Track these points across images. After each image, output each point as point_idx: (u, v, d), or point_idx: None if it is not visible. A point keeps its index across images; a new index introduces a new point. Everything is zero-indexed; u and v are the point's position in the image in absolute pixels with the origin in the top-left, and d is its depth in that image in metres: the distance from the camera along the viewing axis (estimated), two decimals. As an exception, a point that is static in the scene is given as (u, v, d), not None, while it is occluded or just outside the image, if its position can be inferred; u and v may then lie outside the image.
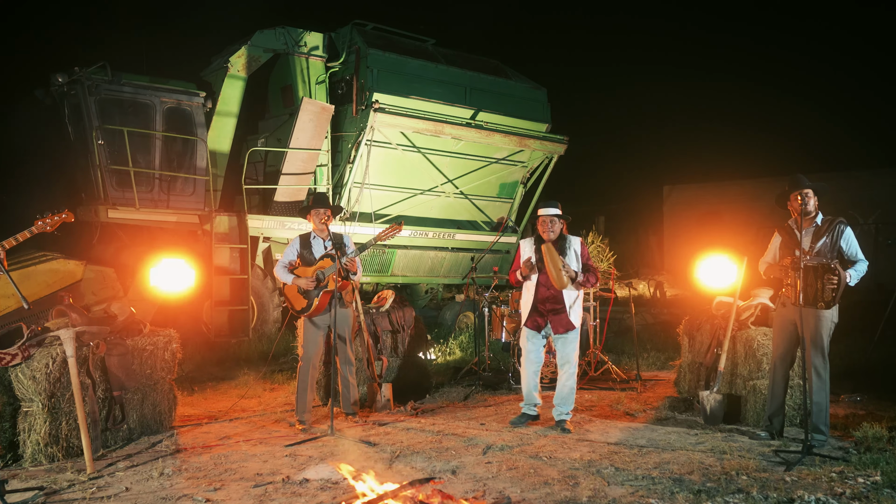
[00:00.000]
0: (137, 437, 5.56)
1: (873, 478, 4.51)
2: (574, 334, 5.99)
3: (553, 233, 5.93)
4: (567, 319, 5.95)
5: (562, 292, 5.92)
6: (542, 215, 5.99)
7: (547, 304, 5.99)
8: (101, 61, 9.35)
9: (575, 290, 5.97)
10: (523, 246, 6.16)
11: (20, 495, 4.22)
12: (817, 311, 5.31)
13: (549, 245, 5.83)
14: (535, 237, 6.11)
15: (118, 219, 9.57)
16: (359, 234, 10.71)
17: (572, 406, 6.03)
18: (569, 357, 5.99)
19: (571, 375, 6.00)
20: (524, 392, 6.19)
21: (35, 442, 4.90)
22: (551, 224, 5.93)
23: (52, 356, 4.93)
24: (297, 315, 6.13)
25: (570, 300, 5.96)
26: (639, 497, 4.25)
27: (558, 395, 6.03)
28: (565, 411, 5.99)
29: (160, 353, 5.72)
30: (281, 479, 4.60)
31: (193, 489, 4.41)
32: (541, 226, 5.98)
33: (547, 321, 6.01)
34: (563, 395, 6.01)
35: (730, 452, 5.15)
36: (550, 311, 5.98)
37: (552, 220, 5.94)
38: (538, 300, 6.01)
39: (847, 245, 5.39)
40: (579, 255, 6.00)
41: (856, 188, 19.10)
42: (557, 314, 5.96)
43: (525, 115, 12.34)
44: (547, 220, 5.94)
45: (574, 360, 6.01)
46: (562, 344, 6.01)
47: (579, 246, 6.02)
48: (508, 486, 4.46)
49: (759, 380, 6.06)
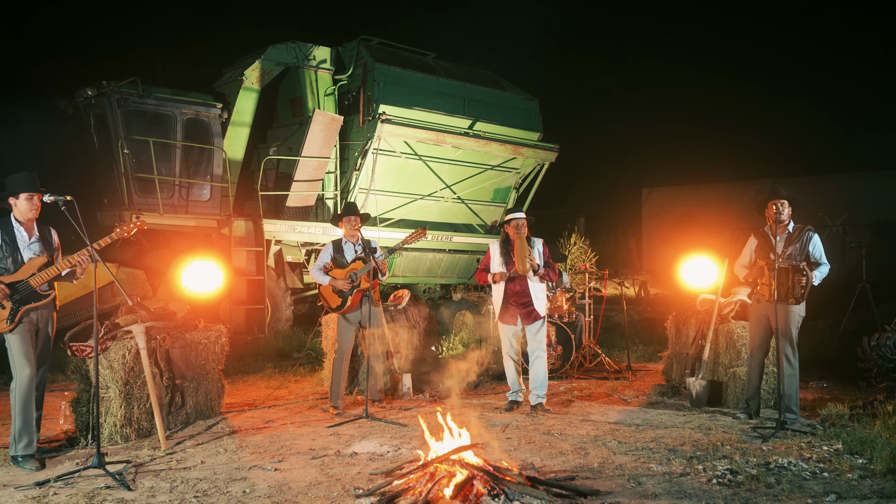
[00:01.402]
0: (193, 420, 6.25)
1: (835, 446, 5.34)
2: (541, 323, 6.79)
3: (522, 232, 6.75)
4: (535, 311, 6.75)
5: (529, 286, 6.72)
6: (511, 219, 6.82)
7: (516, 297, 6.79)
8: (132, 76, 9.97)
9: (539, 283, 6.79)
10: (492, 247, 6.99)
11: (112, 467, 4.89)
12: (788, 306, 6.14)
13: (522, 237, 6.66)
14: (502, 238, 6.96)
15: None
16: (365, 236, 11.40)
17: (546, 389, 6.82)
18: (538, 344, 6.79)
19: (543, 360, 6.80)
20: (509, 381, 6.99)
21: (112, 424, 5.58)
22: (521, 226, 6.75)
23: (127, 348, 5.61)
24: (332, 312, 6.84)
25: (536, 294, 6.78)
26: (641, 463, 5.04)
27: (534, 381, 6.81)
28: (541, 394, 6.77)
29: (212, 346, 6.42)
30: (333, 452, 5.32)
31: (260, 461, 5.12)
32: (512, 228, 6.79)
33: (518, 314, 6.81)
34: (539, 379, 6.78)
35: (714, 429, 5.98)
36: (520, 303, 6.79)
37: (521, 222, 6.78)
38: (508, 295, 6.82)
39: (814, 249, 6.23)
40: (541, 252, 6.84)
41: (825, 191, 20.12)
42: (526, 307, 6.77)
43: (519, 124, 13.16)
44: (518, 223, 6.77)
45: (543, 347, 6.82)
46: (532, 334, 6.81)
47: (542, 246, 6.89)
48: (529, 455, 5.24)
49: (738, 367, 6.90)
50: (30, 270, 5.00)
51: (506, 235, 6.88)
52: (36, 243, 5.11)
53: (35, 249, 5.09)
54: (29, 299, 5.00)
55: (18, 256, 5.01)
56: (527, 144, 13.16)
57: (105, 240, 5.27)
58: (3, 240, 4.97)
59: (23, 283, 4.97)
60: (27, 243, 5.07)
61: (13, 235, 5.01)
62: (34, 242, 5.10)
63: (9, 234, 5.00)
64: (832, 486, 4.52)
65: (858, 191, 19.85)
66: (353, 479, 4.69)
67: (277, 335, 10.77)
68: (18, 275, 4.97)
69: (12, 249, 4.99)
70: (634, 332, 11.55)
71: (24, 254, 5.03)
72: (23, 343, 4.96)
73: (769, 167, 23.25)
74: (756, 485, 4.52)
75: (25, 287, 4.97)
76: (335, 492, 4.44)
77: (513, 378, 6.95)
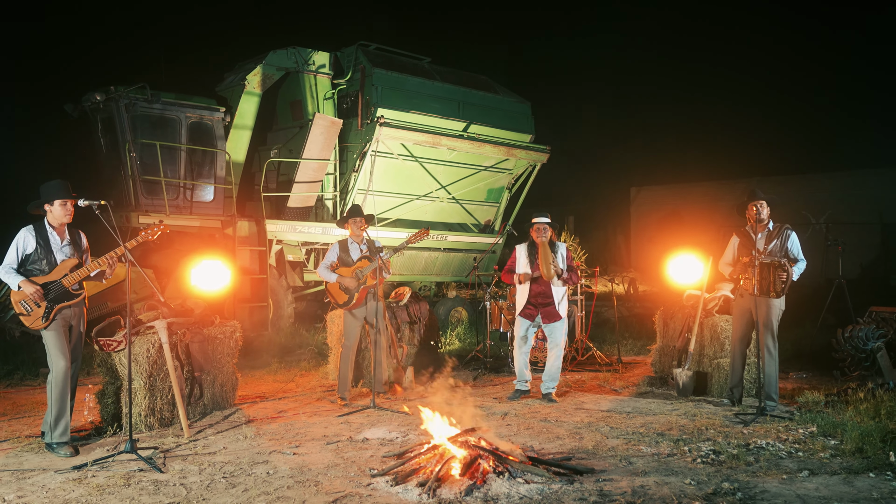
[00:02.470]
0: (210, 411, 6.62)
1: (810, 429, 5.79)
2: (561, 323, 7.23)
3: (545, 237, 7.15)
4: (555, 311, 7.18)
5: (551, 289, 7.16)
6: (536, 223, 7.23)
7: (539, 298, 7.21)
8: (140, 82, 10.30)
9: (561, 287, 7.21)
10: (519, 250, 7.39)
11: (142, 453, 5.26)
12: (769, 299, 6.58)
13: (545, 244, 7.09)
14: (528, 242, 7.34)
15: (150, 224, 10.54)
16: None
17: (557, 381, 7.26)
18: (557, 341, 7.23)
19: (559, 357, 7.25)
20: (517, 371, 7.41)
21: (137, 414, 5.94)
22: (544, 230, 7.18)
23: (151, 343, 5.98)
24: (339, 308, 7.23)
25: (557, 296, 7.20)
26: (632, 445, 5.47)
27: (547, 372, 7.26)
28: (552, 385, 7.22)
29: (227, 341, 6.79)
30: (346, 438, 5.72)
31: (278, 446, 5.51)
32: (535, 232, 7.21)
33: (538, 312, 7.23)
34: (552, 372, 7.23)
35: (700, 415, 6.42)
36: (541, 304, 7.21)
37: (545, 227, 7.18)
38: (531, 295, 7.24)
39: (792, 246, 6.68)
40: (565, 258, 7.27)
41: (809, 190, 20.65)
42: (547, 307, 7.19)
43: (512, 126, 13.57)
44: (541, 227, 7.19)
45: (561, 345, 7.26)
46: (551, 331, 7.25)
47: (565, 251, 7.32)
48: (528, 439, 5.65)
49: (722, 358, 7.35)
50: (62, 271, 5.37)
51: (531, 239, 7.29)
52: (67, 246, 5.47)
53: (67, 252, 5.46)
54: (62, 298, 5.36)
55: (52, 258, 5.37)
56: (519, 146, 13.58)
57: (132, 242, 5.64)
58: (39, 243, 5.33)
59: (56, 283, 5.33)
60: (59, 246, 5.43)
61: (47, 239, 5.38)
62: (66, 245, 5.47)
63: (43, 238, 5.36)
64: (805, 463, 4.97)
65: (841, 189, 20.36)
66: (367, 461, 5.09)
67: (280, 332, 11.13)
68: (52, 276, 5.34)
69: (46, 252, 5.36)
70: (624, 326, 12.00)
71: (56, 256, 5.40)
72: (58, 338, 5.33)
73: (754, 166, 23.79)
74: (736, 463, 4.96)
75: (58, 287, 5.34)
76: (352, 472, 4.84)
77: (521, 369, 7.36)
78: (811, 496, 4.33)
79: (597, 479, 4.64)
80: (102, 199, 5.42)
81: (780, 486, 4.49)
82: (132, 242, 5.63)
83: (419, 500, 4.27)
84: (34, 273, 5.32)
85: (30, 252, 5.33)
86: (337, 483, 4.62)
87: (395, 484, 4.49)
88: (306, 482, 4.64)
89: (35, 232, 5.36)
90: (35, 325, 5.31)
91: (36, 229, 5.37)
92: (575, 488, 4.46)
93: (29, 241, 5.33)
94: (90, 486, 4.59)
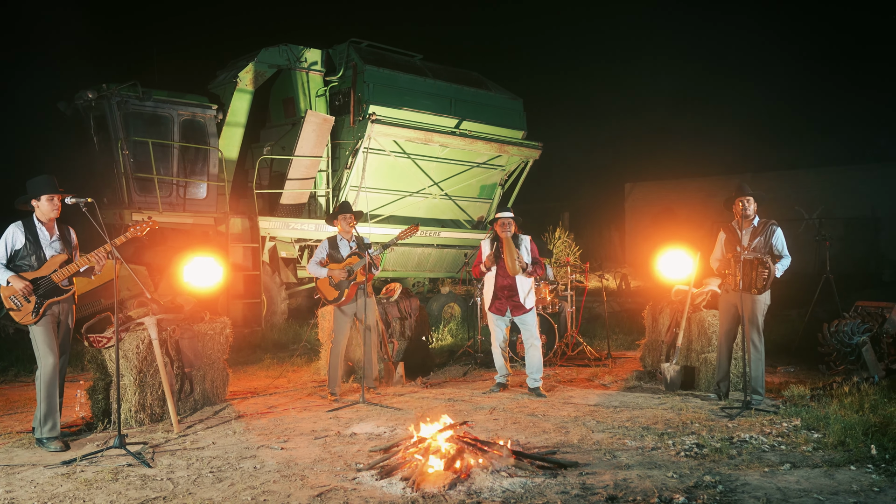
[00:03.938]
0: (201, 406, 6.66)
1: (794, 423, 5.86)
2: (530, 316, 7.30)
3: (509, 231, 7.20)
4: (521, 303, 7.25)
5: (516, 281, 7.24)
6: (500, 217, 7.31)
7: (505, 291, 7.30)
8: (132, 80, 10.33)
9: (527, 279, 7.28)
10: (484, 244, 7.47)
11: (131, 448, 5.29)
12: (753, 295, 6.64)
13: (509, 238, 7.16)
14: (492, 236, 7.42)
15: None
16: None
17: (542, 373, 7.32)
18: (532, 332, 7.30)
19: (537, 348, 7.31)
20: (497, 365, 7.52)
21: (127, 409, 5.99)
22: (508, 225, 7.23)
23: (141, 339, 6.02)
24: (328, 304, 7.27)
25: (523, 289, 7.27)
26: (617, 439, 5.53)
27: (529, 366, 7.33)
28: (537, 378, 7.29)
29: (217, 337, 6.83)
30: (334, 433, 5.77)
31: (267, 441, 5.56)
32: (499, 226, 7.27)
33: (507, 306, 7.29)
34: (534, 365, 7.30)
35: (686, 409, 6.48)
36: (507, 296, 7.30)
37: (509, 221, 7.24)
38: (497, 288, 7.34)
39: (776, 242, 6.73)
40: (529, 250, 7.33)
41: (803, 186, 20.76)
42: (513, 299, 7.28)
43: (503, 123, 13.62)
44: (505, 222, 7.25)
45: (536, 335, 7.32)
46: (521, 324, 7.33)
47: (529, 243, 7.39)
48: (515, 433, 5.71)
49: (709, 353, 7.41)
50: (51, 267, 5.41)
51: (494, 233, 7.34)
52: (57, 241, 5.51)
53: (56, 247, 5.50)
54: (51, 294, 5.40)
55: (41, 254, 5.41)
56: (511, 142, 13.63)
57: (121, 238, 5.65)
58: (28, 239, 5.37)
59: (45, 278, 5.37)
60: (49, 242, 5.47)
61: (36, 235, 5.41)
62: (55, 241, 5.50)
63: (32, 234, 5.40)
64: (788, 456, 5.03)
65: (834, 185, 20.47)
66: (354, 455, 5.14)
67: (273, 328, 11.19)
68: (41, 271, 5.38)
69: (35, 248, 5.40)
70: (615, 322, 12.07)
71: (46, 252, 5.44)
72: (46, 334, 5.37)
73: (748, 162, 23.88)
74: (719, 456, 5.02)
75: (48, 282, 5.38)
76: (338, 466, 4.89)
77: (500, 363, 7.44)
78: (791, 489, 4.39)
79: (580, 473, 4.69)
80: (95, 197, 5.46)
81: (762, 479, 4.55)
82: (121, 238, 5.64)
83: (403, 493, 4.32)
84: (23, 269, 5.36)
85: (18, 248, 5.37)
86: (323, 477, 4.67)
87: (380, 478, 4.55)
88: (292, 476, 4.69)
89: (24, 228, 5.40)
90: (25, 321, 5.35)
91: (25, 225, 5.41)
92: (558, 482, 4.52)
93: (17, 237, 5.37)
94: (78, 480, 4.63)
